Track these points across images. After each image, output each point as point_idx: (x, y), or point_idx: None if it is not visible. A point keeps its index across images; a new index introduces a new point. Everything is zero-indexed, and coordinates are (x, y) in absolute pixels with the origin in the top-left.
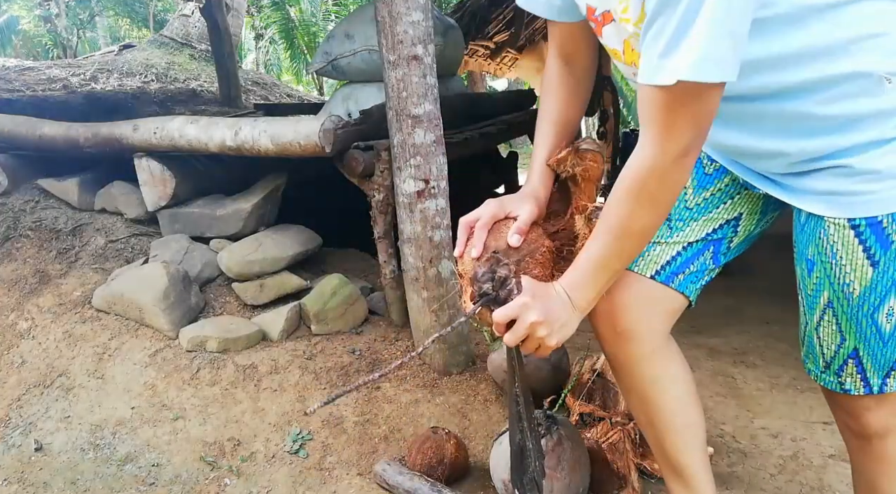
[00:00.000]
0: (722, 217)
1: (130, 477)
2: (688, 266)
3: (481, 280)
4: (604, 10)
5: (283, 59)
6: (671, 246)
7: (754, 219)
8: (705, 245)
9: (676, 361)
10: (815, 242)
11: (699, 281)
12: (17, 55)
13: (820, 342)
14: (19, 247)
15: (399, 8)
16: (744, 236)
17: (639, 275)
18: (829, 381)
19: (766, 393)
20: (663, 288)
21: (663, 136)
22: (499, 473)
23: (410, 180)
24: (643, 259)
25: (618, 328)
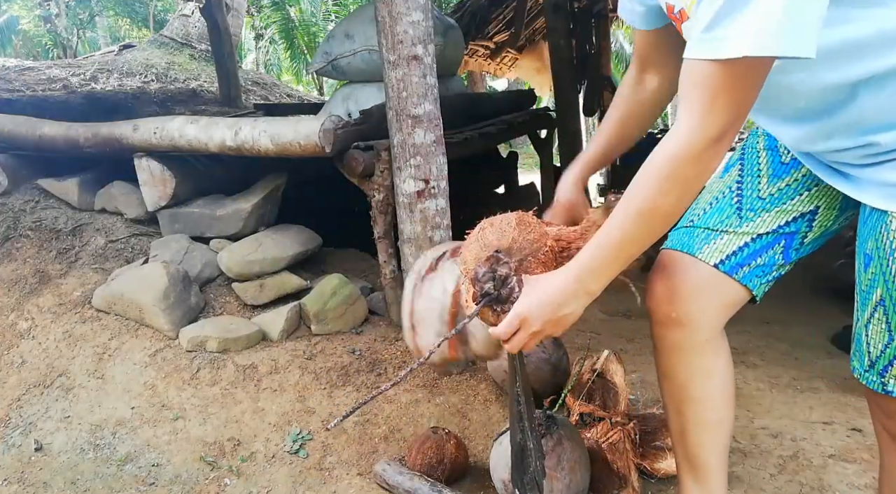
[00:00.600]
0: (797, 209)
1: (130, 477)
2: (755, 258)
3: (482, 279)
4: (681, 7)
5: (283, 59)
6: (739, 236)
7: (832, 214)
8: (776, 238)
9: (724, 356)
10: (874, 236)
11: (766, 275)
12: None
13: (868, 339)
14: (19, 247)
15: (399, 8)
16: (819, 232)
17: (702, 262)
18: (871, 381)
19: (766, 393)
20: (726, 278)
21: (703, 116)
22: (499, 473)
23: (410, 180)
24: (708, 246)
25: (674, 312)
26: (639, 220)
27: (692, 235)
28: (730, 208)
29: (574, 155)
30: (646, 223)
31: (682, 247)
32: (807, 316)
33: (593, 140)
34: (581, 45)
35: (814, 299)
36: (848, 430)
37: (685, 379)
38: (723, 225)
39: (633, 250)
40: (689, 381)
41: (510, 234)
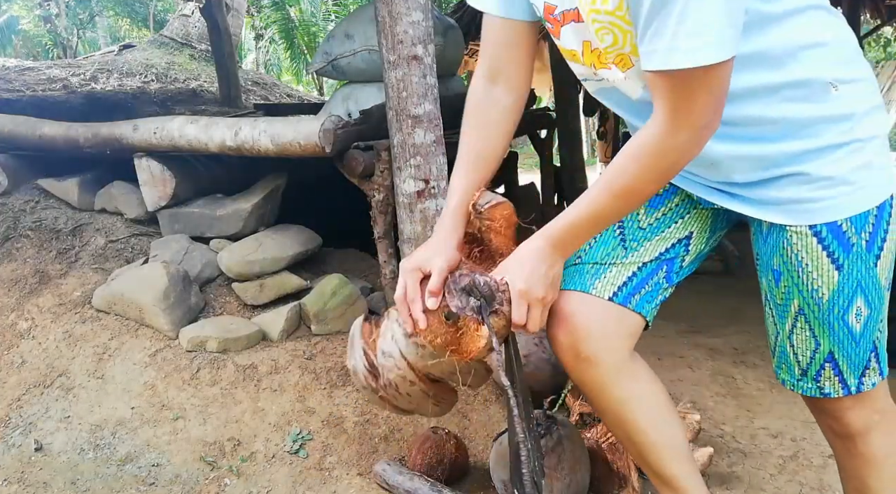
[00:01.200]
0: (674, 236)
1: (130, 477)
2: (643, 286)
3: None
4: (565, 8)
5: (283, 59)
6: (627, 266)
7: (704, 236)
8: (659, 264)
9: (644, 378)
10: (779, 252)
11: (654, 300)
12: (17, 55)
13: (794, 349)
14: (19, 247)
15: (399, 8)
16: (695, 254)
17: (597, 298)
18: (807, 388)
19: (766, 393)
20: (621, 308)
21: (686, 116)
22: (499, 473)
23: (410, 180)
24: (599, 281)
25: (581, 354)
26: (615, 200)
27: (582, 272)
28: (614, 240)
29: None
30: (621, 202)
31: (574, 286)
32: None
33: (453, 186)
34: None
35: None
36: None
37: (616, 411)
38: (610, 257)
39: (604, 225)
40: (620, 413)
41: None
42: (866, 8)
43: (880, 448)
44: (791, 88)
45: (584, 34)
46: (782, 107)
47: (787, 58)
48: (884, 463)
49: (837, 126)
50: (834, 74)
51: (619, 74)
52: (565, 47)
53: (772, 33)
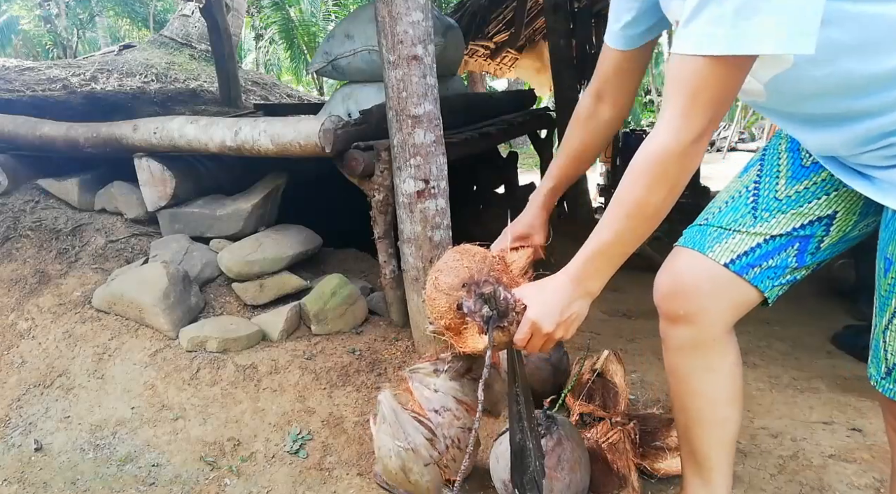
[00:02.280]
0: (814, 213)
1: (130, 477)
2: (766, 259)
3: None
4: None
5: (283, 59)
6: (752, 236)
7: (851, 219)
8: (790, 240)
9: (731, 356)
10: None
11: (778, 277)
12: (17, 55)
13: (885, 346)
14: (19, 247)
15: (399, 8)
16: (837, 237)
17: (712, 261)
18: (888, 388)
19: (766, 393)
20: (736, 278)
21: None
22: (499, 473)
23: (410, 180)
24: (719, 245)
25: (681, 309)
26: (628, 221)
27: (705, 233)
28: (745, 208)
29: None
30: (635, 222)
31: (693, 245)
32: (807, 317)
33: (551, 172)
34: (581, 45)
35: (814, 299)
36: (848, 430)
37: (689, 375)
38: (736, 224)
39: (626, 249)
40: (693, 378)
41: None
42: None
43: None
44: None
45: None
46: None
47: None
48: None
49: None
50: None
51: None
52: None
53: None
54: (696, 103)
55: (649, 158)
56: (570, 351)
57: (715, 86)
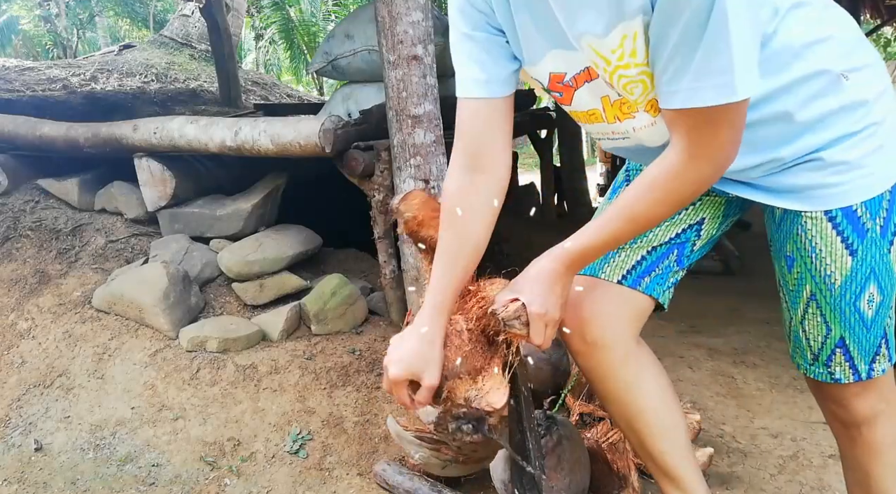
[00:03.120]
0: (685, 221)
1: (130, 477)
2: (653, 269)
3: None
4: (577, 72)
5: (283, 59)
6: (636, 250)
7: (716, 222)
8: (669, 248)
9: (650, 364)
10: (792, 238)
11: (665, 282)
12: (17, 55)
13: (806, 335)
14: (19, 247)
15: (399, 8)
16: (706, 239)
17: (605, 281)
18: (818, 373)
19: (766, 392)
20: (630, 291)
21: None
22: (499, 473)
23: (410, 180)
24: (608, 265)
25: (588, 337)
26: (628, 224)
27: None
28: None
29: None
30: (636, 226)
31: (583, 271)
32: None
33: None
34: None
35: None
36: None
37: (621, 397)
38: None
39: (617, 244)
40: (625, 398)
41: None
42: (866, 8)
43: (885, 436)
44: (803, 86)
45: (601, 90)
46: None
47: (792, 59)
48: (888, 452)
49: (852, 114)
50: (843, 65)
51: (647, 119)
52: (581, 110)
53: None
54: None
55: (669, 176)
56: None
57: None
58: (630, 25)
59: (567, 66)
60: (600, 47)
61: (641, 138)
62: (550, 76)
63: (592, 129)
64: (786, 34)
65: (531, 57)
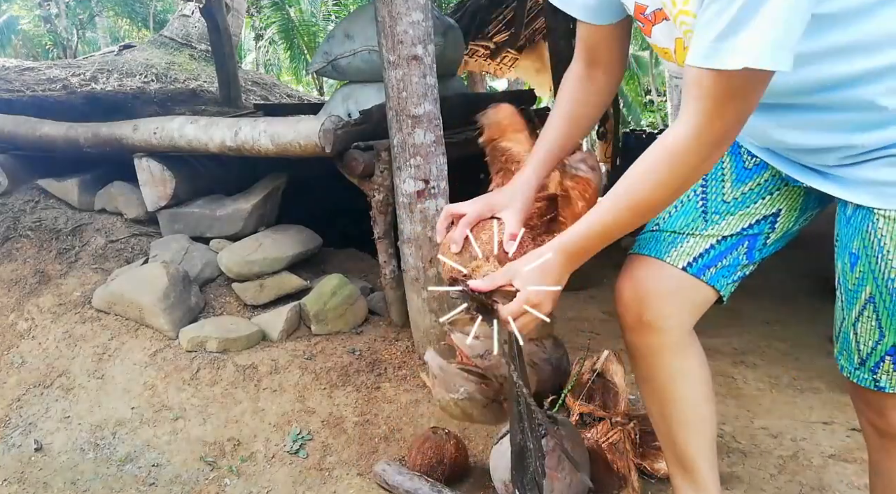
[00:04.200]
0: (759, 212)
1: (130, 477)
2: (720, 259)
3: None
4: (655, 7)
5: (283, 59)
6: (705, 238)
7: (793, 215)
8: (740, 239)
9: (698, 356)
10: (861, 235)
11: (731, 275)
12: (17, 55)
13: (857, 337)
14: (19, 247)
15: (399, 8)
16: (781, 233)
17: (670, 266)
18: (862, 378)
19: (766, 393)
20: (693, 280)
21: (712, 119)
22: (499, 473)
23: (410, 180)
24: (675, 249)
25: (644, 317)
26: (633, 210)
27: (659, 239)
28: (695, 212)
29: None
30: (639, 212)
31: (649, 252)
32: (807, 316)
33: (542, 140)
34: None
35: (814, 299)
36: (848, 430)
37: (663, 381)
38: (689, 228)
39: (619, 234)
40: (667, 383)
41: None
42: None
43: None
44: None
45: (675, 32)
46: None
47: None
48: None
49: None
50: None
51: None
52: (658, 45)
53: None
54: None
55: (667, 155)
56: (570, 351)
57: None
58: None
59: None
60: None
61: None
62: (635, 6)
63: (668, 67)
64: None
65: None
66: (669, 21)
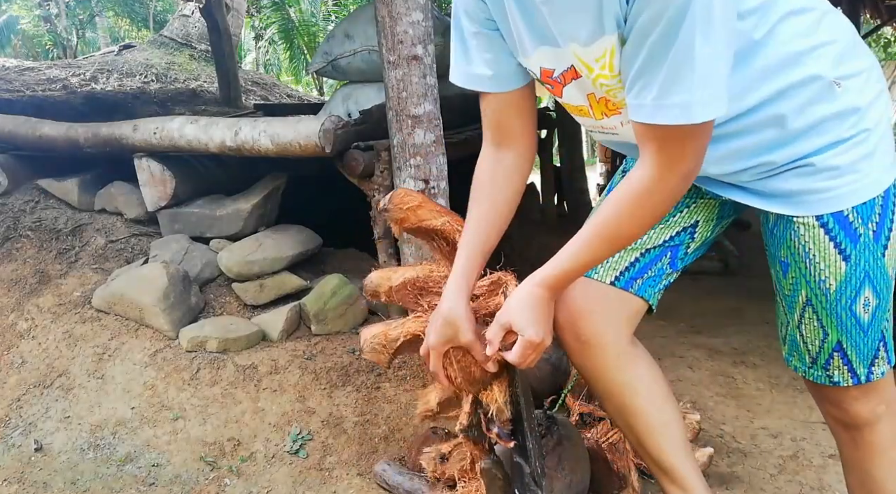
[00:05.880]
0: (679, 224)
1: (130, 477)
2: (646, 271)
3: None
4: (564, 69)
5: (283, 59)
6: (629, 252)
7: (710, 225)
8: (662, 250)
9: (644, 362)
10: (786, 244)
11: (657, 284)
12: (17, 55)
13: (803, 339)
14: (19, 247)
15: (399, 8)
16: (700, 241)
17: (598, 282)
18: (817, 376)
19: (766, 393)
20: (623, 293)
21: (672, 163)
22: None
23: (410, 180)
24: (602, 266)
25: (581, 337)
26: (606, 243)
27: None
28: None
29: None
30: (612, 245)
31: None
32: None
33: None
34: None
35: None
36: None
37: (616, 395)
38: None
39: (596, 263)
40: (620, 397)
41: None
42: (866, 8)
43: (886, 437)
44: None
45: (586, 88)
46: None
47: (786, 65)
48: (889, 453)
49: (845, 121)
50: (836, 72)
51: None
52: (572, 104)
53: (767, 51)
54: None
55: (637, 193)
56: None
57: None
58: (609, 40)
59: (555, 63)
60: (584, 55)
61: (629, 134)
62: (541, 70)
63: (584, 123)
64: (779, 41)
65: (523, 50)
66: (581, 78)
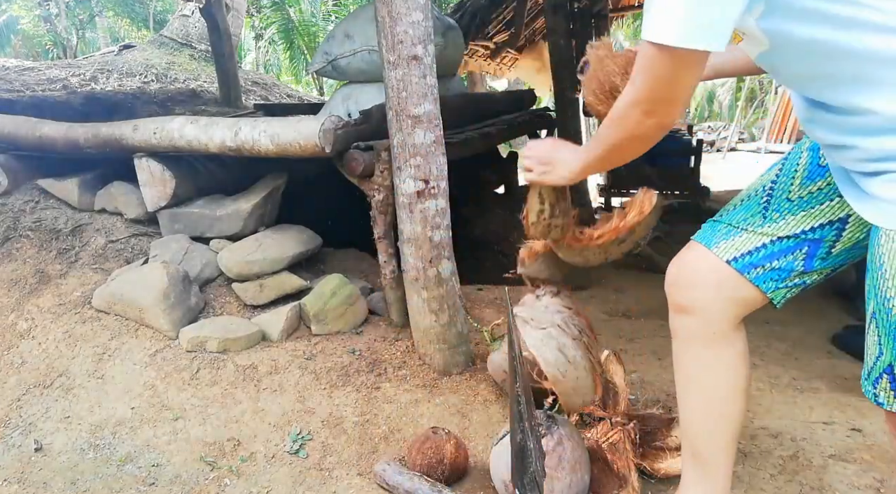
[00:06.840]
0: (825, 215)
1: (130, 477)
2: (771, 261)
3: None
4: None
5: (283, 59)
6: (758, 236)
7: (865, 225)
8: (798, 243)
9: (734, 350)
10: (871, 249)
11: (783, 280)
12: (17, 55)
13: (866, 348)
14: (19, 247)
15: (399, 8)
16: (850, 243)
17: (715, 257)
18: (867, 390)
19: (766, 393)
20: (736, 275)
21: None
22: (499, 473)
23: (410, 180)
24: (726, 242)
25: (684, 300)
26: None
27: (715, 229)
28: (757, 207)
29: None
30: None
31: (702, 240)
32: (807, 316)
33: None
34: (581, 45)
35: (814, 299)
36: (848, 430)
37: (691, 367)
38: (745, 223)
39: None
40: (694, 370)
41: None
42: None
43: None
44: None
45: None
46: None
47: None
48: None
49: None
50: None
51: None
52: None
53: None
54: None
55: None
56: None
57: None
58: None
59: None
60: None
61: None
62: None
63: None
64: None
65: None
66: None
